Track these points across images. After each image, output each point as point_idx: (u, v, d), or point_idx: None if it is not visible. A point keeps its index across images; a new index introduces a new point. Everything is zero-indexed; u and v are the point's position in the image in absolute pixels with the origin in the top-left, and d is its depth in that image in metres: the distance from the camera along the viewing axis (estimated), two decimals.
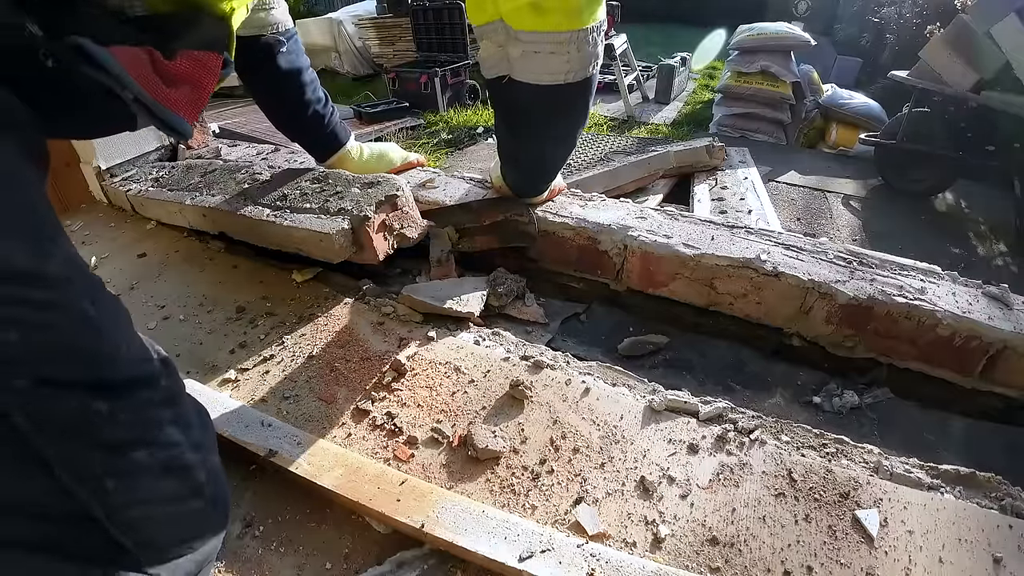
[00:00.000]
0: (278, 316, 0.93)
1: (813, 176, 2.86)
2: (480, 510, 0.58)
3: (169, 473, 0.43)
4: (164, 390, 0.45)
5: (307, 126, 1.09)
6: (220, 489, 0.49)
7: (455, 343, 0.84)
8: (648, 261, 0.95)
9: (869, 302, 0.81)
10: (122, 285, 1.07)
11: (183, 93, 0.50)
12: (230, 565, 0.60)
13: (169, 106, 0.49)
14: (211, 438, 0.51)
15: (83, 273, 0.41)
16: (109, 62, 0.42)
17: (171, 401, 0.46)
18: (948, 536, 0.56)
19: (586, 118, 0.88)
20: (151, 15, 0.46)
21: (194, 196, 1.12)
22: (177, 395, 0.47)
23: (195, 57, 0.51)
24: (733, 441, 0.67)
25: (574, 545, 0.55)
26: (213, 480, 0.48)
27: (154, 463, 0.42)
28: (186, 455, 0.45)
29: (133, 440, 0.41)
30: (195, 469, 0.46)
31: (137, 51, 0.46)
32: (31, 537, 0.36)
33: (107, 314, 0.41)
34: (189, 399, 0.50)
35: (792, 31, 3.37)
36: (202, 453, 0.47)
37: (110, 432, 0.39)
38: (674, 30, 7.53)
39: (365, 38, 5.66)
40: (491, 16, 0.74)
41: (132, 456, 0.40)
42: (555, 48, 0.72)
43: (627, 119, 4.01)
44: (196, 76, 0.51)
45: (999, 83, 2.28)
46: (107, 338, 0.40)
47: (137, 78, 0.45)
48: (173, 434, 0.44)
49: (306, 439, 0.68)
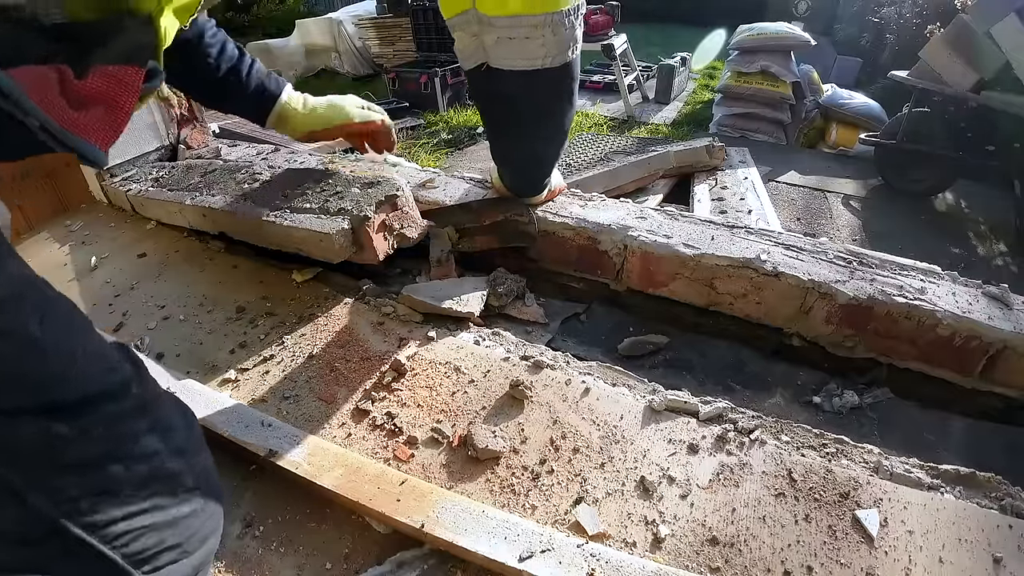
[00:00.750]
0: (278, 316, 0.93)
1: (813, 176, 2.86)
2: (480, 510, 0.58)
3: (152, 483, 0.42)
4: (134, 398, 0.43)
5: (226, 90, 0.95)
6: (211, 489, 0.48)
7: (455, 343, 0.84)
8: (648, 261, 0.95)
9: (869, 302, 0.81)
10: (122, 285, 1.07)
11: (95, 116, 0.44)
12: (230, 565, 0.60)
13: (79, 132, 0.43)
14: (196, 439, 0.49)
15: (32, 288, 0.39)
16: (9, 86, 0.37)
17: (143, 409, 0.44)
18: (948, 536, 0.56)
19: (572, 106, 0.85)
20: (70, 23, 0.41)
21: (194, 196, 1.12)
22: (150, 401, 0.45)
23: (109, 74, 0.45)
24: (733, 441, 0.67)
25: (574, 545, 0.55)
26: (203, 481, 0.47)
27: (133, 476, 0.41)
28: (168, 463, 0.44)
29: (105, 456, 0.39)
30: (180, 475, 0.45)
31: (44, 70, 0.41)
32: (13, 563, 0.36)
33: (57, 331, 0.39)
34: (169, 400, 0.48)
35: (792, 31, 3.38)
36: (186, 457, 0.46)
37: (78, 452, 0.38)
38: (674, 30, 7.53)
39: (365, 38, 5.66)
40: (463, 5, 0.73)
41: (108, 472, 0.39)
42: (530, 32, 0.71)
43: (627, 119, 4.01)
44: (111, 95, 0.45)
45: (999, 83, 2.29)
46: (55, 359, 0.38)
47: (41, 103, 0.40)
48: (150, 443, 0.42)
49: (306, 439, 0.68)
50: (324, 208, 0.95)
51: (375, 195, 0.95)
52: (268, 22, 8.66)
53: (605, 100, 4.46)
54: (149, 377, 0.46)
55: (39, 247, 1.25)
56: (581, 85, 4.78)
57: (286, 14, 8.76)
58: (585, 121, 3.95)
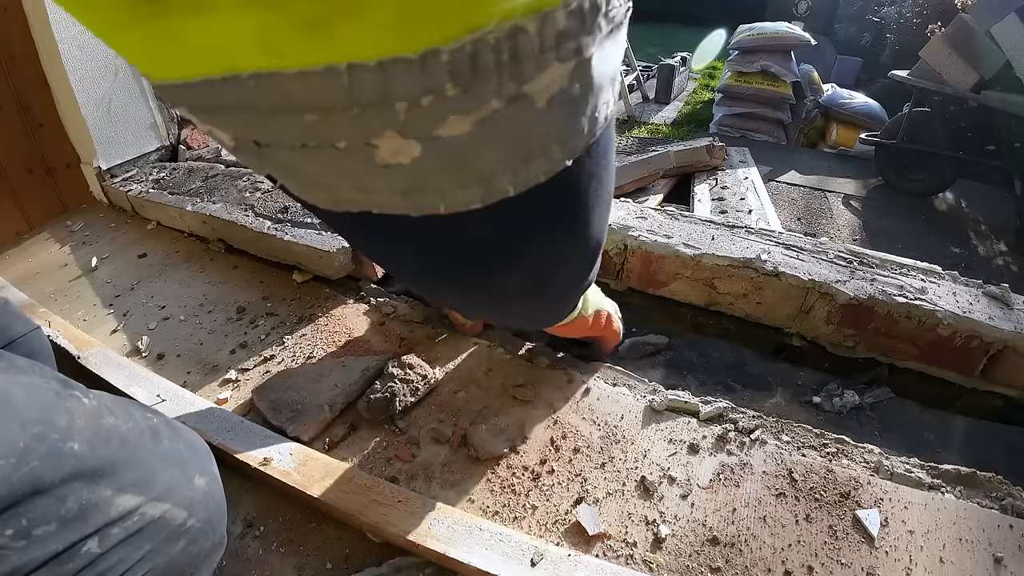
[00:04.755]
0: (278, 316, 0.93)
1: (813, 176, 2.86)
2: (473, 523, 0.57)
3: (137, 536, 0.39)
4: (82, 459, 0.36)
5: None
6: (212, 508, 0.45)
7: (456, 343, 0.84)
8: (648, 261, 0.95)
9: (870, 302, 0.81)
10: (123, 285, 1.07)
11: None
12: (230, 565, 0.59)
13: None
14: (181, 466, 0.45)
15: None
16: None
17: (100, 470, 0.37)
18: (949, 536, 0.56)
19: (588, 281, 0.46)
20: None
21: (195, 202, 1.12)
22: (108, 456, 0.38)
23: None
24: (734, 441, 0.67)
25: (565, 555, 0.54)
26: (199, 507, 0.44)
27: (112, 542, 0.37)
28: (150, 511, 0.39)
29: (73, 542, 0.35)
30: (167, 514, 0.41)
31: None
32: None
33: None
34: (136, 433, 0.42)
35: (792, 31, 3.37)
36: (172, 495, 0.42)
37: (39, 551, 0.33)
38: (674, 30, 7.53)
39: None
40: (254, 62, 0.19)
41: (82, 553, 0.35)
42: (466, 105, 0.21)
43: (627, 119, 4.01)
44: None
45: (999, 83, 2.28)
46: None
47: None
48: (122, 503, 0.38)
49: (298, 448, 0.67)
50: None
51: None
52: None
53: None
54: (97, 423, 0.39)
55: (39, 247, 1.25)
56: None
57: None
58: None
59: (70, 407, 0.37)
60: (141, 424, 0.43)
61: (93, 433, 0.38)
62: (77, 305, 1.03)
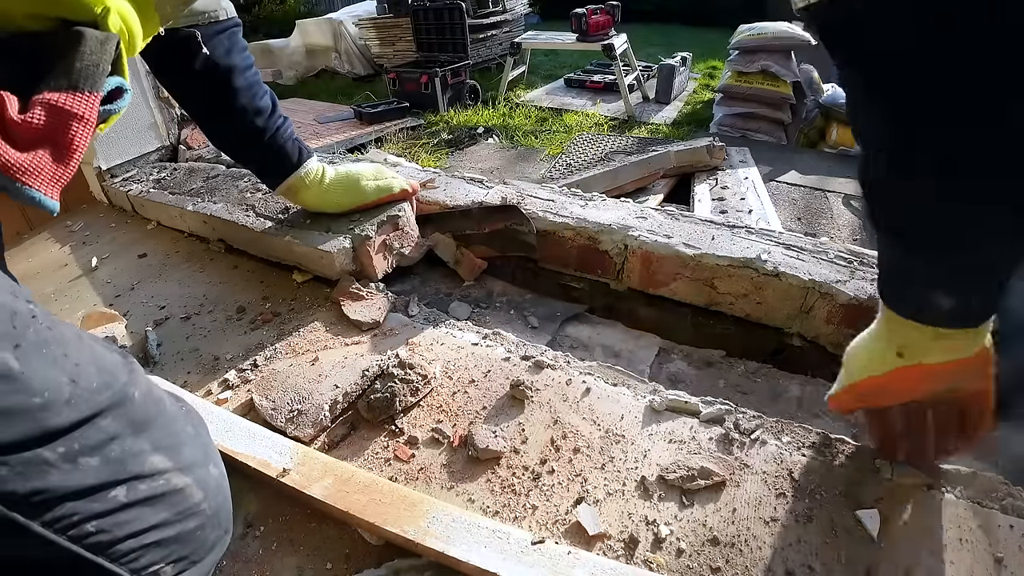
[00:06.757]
0: (279, 316, 0.93)
1: (814, 176, 2.86)
2: (472, 520, 0.57)
3: (159, 500, 0.41)
4: (136, 410, 0.40)
5: (243, 141, 0.87)
6: (221, 500, 0.47)
7: (456, 343, 0.84)
8: (649, 261, 0.95)
9: (870, 302, 0.81)
10: (123, 285, 1.07)
11: (41, 159, 0.38)
12: (231, 565, 0.60)
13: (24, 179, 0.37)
14: (203, 449, 0.48)
15: (4, 312, 0.34)
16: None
17: (145, 424, 0.41)
18: (949, 536, 0.56)
19: None
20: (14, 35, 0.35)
21: (196, 202, 1.13)
22: (153, 416, 0.42)
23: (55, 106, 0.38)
24: (734, 441, 0.67)
25: (564, 553, 0.54)
26: (212, 493, 0.46)
27: (138, 495, 0.39)
28: (174, 479, 0.42)
29: (106, 481, 0.37)
30: (188, 489, 0.43)
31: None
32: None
33: (38, 357, 0.35)
34: (174, 410, 0.46)
35: (792, 31, 3.37)
36: (193, 472, 0.44)
37: (78, 479, 0.35)
38: (674, 30, 7.53)
39: (365, 38, 5.66)
40: None
41: (110, 496, 0.37)
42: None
43: (627, 119, 4.02)
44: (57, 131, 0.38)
45: None
46: (39, 387, 0.34)
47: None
48: (155, 462, 0.41)
49: (297, 447, 0.67)
50: (326, 225, 0.95)
51: (377, 214, 0.95)
52: (268, 22, 8.69)
53: (605, 100, 4.46)
54: (147, 384, 0.44)
55: (40, 247, 1.25)
56: (582, 85, 4.81)
57: (286, 14, 8.78)
58: (585, 121, 3.95)
59: (132, 366, 0.44)
60: (175, 403, 0.48)
61: (147, 391, 0.43)
62: (77, 305, 1.03)
